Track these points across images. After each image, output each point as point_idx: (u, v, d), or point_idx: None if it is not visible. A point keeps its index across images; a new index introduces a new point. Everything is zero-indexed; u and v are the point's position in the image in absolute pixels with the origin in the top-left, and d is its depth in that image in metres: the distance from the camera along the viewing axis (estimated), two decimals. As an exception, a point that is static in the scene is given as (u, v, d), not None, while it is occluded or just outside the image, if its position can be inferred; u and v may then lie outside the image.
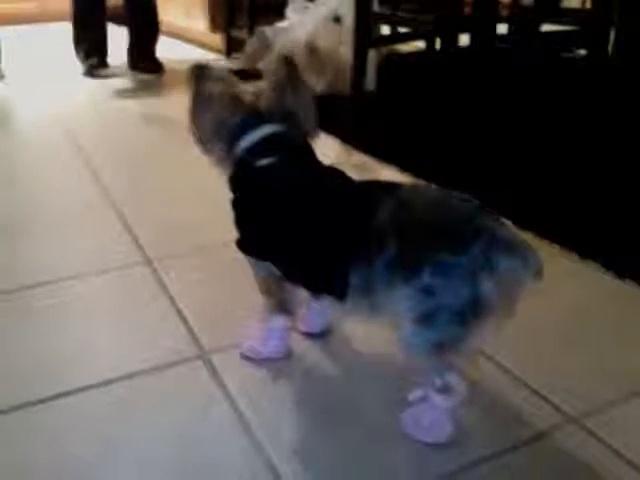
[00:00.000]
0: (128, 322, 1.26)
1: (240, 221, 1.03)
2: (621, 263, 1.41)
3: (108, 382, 1.09)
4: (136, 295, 1.35)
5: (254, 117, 1.01)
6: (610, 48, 2.38)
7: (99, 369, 1.12)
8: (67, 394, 1.06)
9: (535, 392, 1.06)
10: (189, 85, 1.01)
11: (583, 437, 0.97)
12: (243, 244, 1.03)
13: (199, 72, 1.01)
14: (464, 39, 2.85)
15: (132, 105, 2.76)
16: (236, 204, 1.03)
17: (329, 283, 0.94)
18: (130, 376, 1.10)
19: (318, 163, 1.02)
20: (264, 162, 0.99)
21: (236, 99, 1.01)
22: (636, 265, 1.40)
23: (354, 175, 1.01)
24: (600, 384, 1.08)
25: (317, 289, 1.00)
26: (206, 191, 1.80)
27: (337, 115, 2.30)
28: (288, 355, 1.14)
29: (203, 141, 1.04)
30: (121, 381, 1.09)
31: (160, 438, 0.98)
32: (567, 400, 1.04)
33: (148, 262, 1.47)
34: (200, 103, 1.02)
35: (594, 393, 1.05)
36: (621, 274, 1.39)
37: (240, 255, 1.06)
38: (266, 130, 1.01)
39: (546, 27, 3.06)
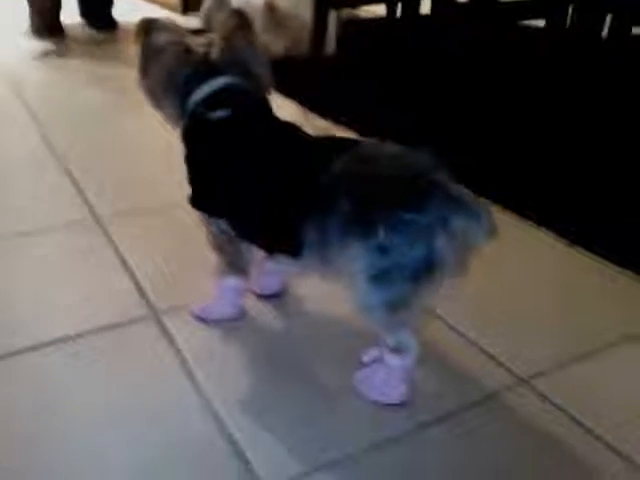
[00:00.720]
0: (77, 281, 1.22)
1: (193, 176, 1.00)
2: (574, 231, 1.44)
3: (57, 341, 1.05)
4: (84, 253, 1.30)
5: (207, 68, 0.97)
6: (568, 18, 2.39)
7: (48, 328, 1.08)
8: (14, 353, 1.02)
9: (486, 353, 1.07)
10: (137, 39, 0.97)
11: (533, 398, 0.99)
12: (196, 200, 1.00)
13: (147, 25, 0.97)
14: (425, 7, 2.83)
15: (83, 63, 2.65)
16: (189, 158, 1.00)
17: (282, 240, 0.92)
18: (79, 335, 1.07)
19: (274, 117, 0.99)
20: (218, 115, 0.95)
21: (187, 51, 0.97)
22: (587, 232, 1.43)
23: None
24: (549, 346, 1.10)
25: (271, 246, 0.98)
26: (157, 148, 1.76)
27: (295, 77, 2.26)
28: (241, 316, 1.12)
29: (153, 95, 1.00)
30: (70, 340, 1.06)
31: (110, 398, 0.95)
32: (517, 362, 1.05)
33: (96, 219, 1.42)
34: (149, 56, 0.98)
35: (543, 355, 1.07)
36: (574, 241, 1.41)
37: (193, 213, 1.03)
38: (220, 82, 0.97)
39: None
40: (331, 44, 2.64)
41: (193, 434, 0.90)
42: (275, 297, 1.18)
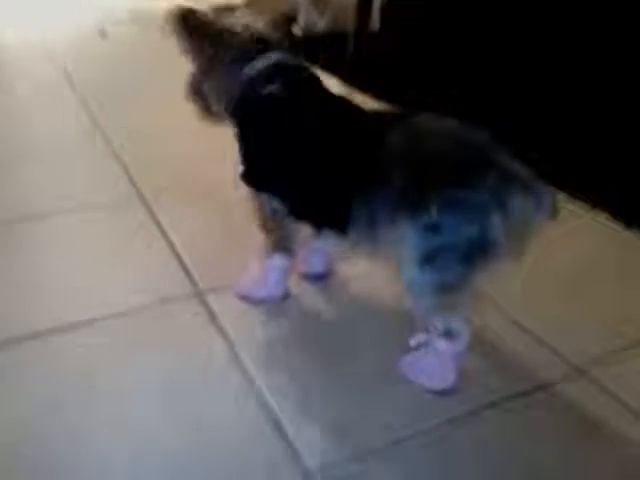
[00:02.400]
0: (121, 259, 1.21)
1: (244, 152, 0.98)
2: (629, 212, 1.38)
3: (101, 318, 1.05)
4: (128, 231, 1.30)
5: (256, 46, 0.95)
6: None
7: (92, 305, 1.08)
8: (58, 330, 1.02)
9: (540, 341, 1.03)
10: (175, 30, 0.96)
11: (589, 387, 0.95)
12: (247, 176, 0.98)
13: (186, 14, 0.96)
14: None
15: (134, 44, 2.65)
16: (240, 134, 0.98)
17: (331, 215, 0.89)
18: (123, 313, 1.07)
19: (326, 92, 0.96)
20: (271, 89, 0.93)
21: (231, 31, 0.95)
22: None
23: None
24: (607, 335, 1.05)
25: (320, 222, 0.95)
26: (204, 129, 1.74)
27: (338, 55, 2.21)
28: (286, 296, 1.11)
29: (202, 79, 0.98)
30: (114, 318, 1.06)
31: (155, 376, 0.95)
32: (573, 350, 1.01)
33: (141, 198, 1.41)
34: (197, 41, 0.96)
35: (601, 344, 1.03)
36: (629, 223, 1.35)
37: (237, 194, 1.01)
38: (271, 58, 0.95)
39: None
40: (375, 21, 2.59)
41: (236, 415, 0.89)
42: (320, 278, 1.16)
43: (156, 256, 1.22)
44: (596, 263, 1.24)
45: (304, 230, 1.01)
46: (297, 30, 2.46)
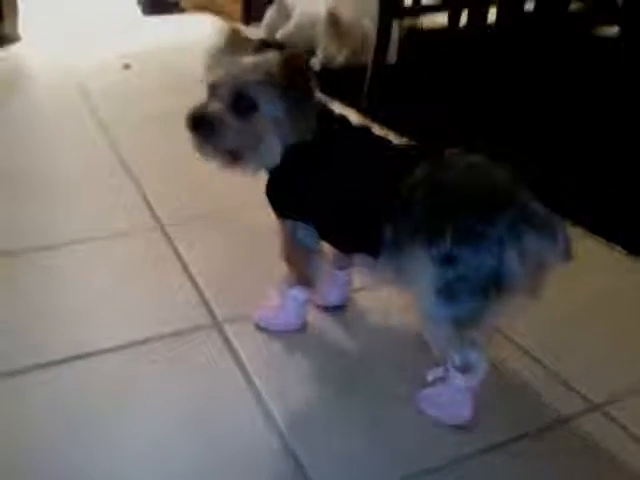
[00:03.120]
0: (139, 288, 1.23)
1: (278, 185, 0.99)
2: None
3: (118, 347, 1.07)
4: (149, 260, 1.32)
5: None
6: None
7: (110, 334, 1.10)
8: (79, 357, 1.04)
9: (557, 376, 1.03)
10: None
11: (605, 424, 0.94)
12: (281, 207, 1.00)
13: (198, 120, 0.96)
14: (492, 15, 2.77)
15: (152, 72, 2.71)
16: (279, 172, 0.98)
17: (364, 237, 0.92)
18: (140, 342, 1.08)
19: (352, 124, 0.99)
20: None
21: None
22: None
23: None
24: (624, 371, 1.05)
25: (353, 246, 0.97)
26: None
27: (356, 87, 2.24)
28: (304, 327, 1.12)
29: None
30: (130, 347, 1.07)
31: (171, 405, 0.96)
32: (589, 386, 1.01)
33: (161, 227, 1.44)
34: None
35: (616, 380, 1.03)
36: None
37: (256, 222, 1.02)
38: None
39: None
40: (393, 54, 2.62)
41: (252, 445, 0.89)
42: (337, 309, 1.17)
43: (174, 285, 1.24)
44: (611, 298, 1.24)
45: (325, 266, 1.03)
46: (316, 63, 2.50)
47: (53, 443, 0.89)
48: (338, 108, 1.01)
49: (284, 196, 0.99)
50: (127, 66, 2.59)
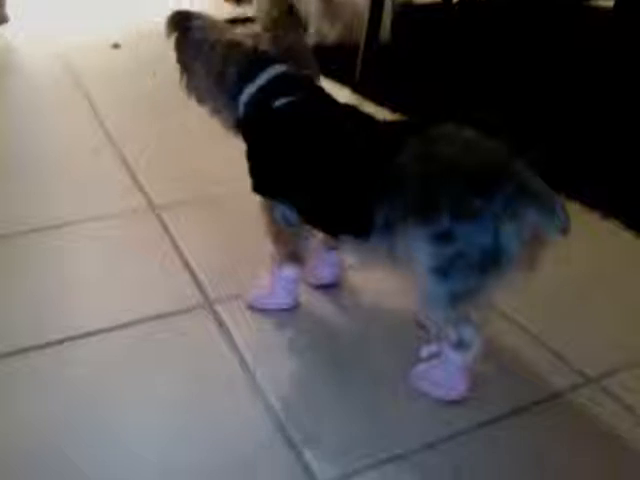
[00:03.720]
0: (131, 269, 1.22)
1: (259, 163, 0.98)
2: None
3: (109, 329, 1.06)
4: (140, 242, 1.31)
5: (261, 59, 0.95)
6: None
7: (101, 316, 1.08)
8: (72, 338, 1.03)
9: (552, 351, 1.02)
10: (170, 33, 0.95)
11: (601, 397, 0.94)
12: (259, 185, 0.98)
13: (179, 19, 0.95)
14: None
15: (143, 53, 2.67)
16: (253, 146, 0.98)
17: (351, 221, 0.89)
18: (131, 323, 1.07)
19: (336, 101, 0.97)
20: (282, 101, 0.93)
21: (235, 43, 0.95)
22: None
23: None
24: (619, 345, 1.04)
25: (338, 228, 0.95)
26: (213, 140, 1.75)
27: (349, 65, 2.22)
28: (296, 307, 1.10)
29: (199, 92, 0.98)
30: (123, 328, 1.06)
31: (163, 386, 0.95)
32: (585, 360, 1.00)
33: (154, 209, 1.42)
34: (191, 52, 0.96)
35: (613, 354, 1.02)
36: (640, 232, 1.35)
37: (249, 203, 1.01)
38: (277, 70, 0.95)
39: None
40: (386, 32, 2.59)
41: (245, 426, 0.88)
42: (330, 288, 1.16)
43: (166, 266, 1.22)
44: (607, 273, 1.23)
45: (315, 241, 1.01)
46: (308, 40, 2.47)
47: (39, 430, 0.88)
48: (330, 86, 0.99)
49: (256, 170, 0.98)
50: (116, 45, 2.55)
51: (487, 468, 0.83)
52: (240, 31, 0.97)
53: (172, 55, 1.00)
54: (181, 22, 0.95)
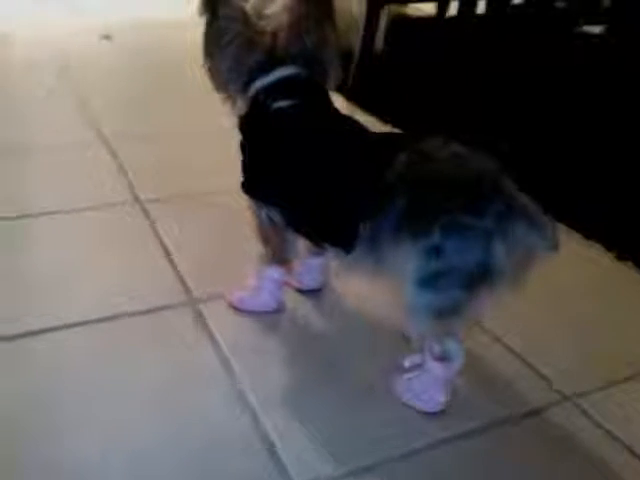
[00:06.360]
0: (114, 262, 1.21)
1: (249, 162, 0.98)
2: (622, 245, 1.39)
3: (94, 321, 1.05)
4: (125, 235, 1.30)
5: (271, 58, 0.95)
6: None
7: (81, 308, 1.07)
8: (52, 329, 1.02)
9: (531, 368, 1.03)
10: (202, 14, 0.94)
11: (576, 416, 0.95)
12: (249, 186, 0.98)
13: (214, 5, 0.95)
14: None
15: (135, 48, 2.65)
16: (246, 144, 0.98)
17: (336, 232, 0.90)
18: (115, 317, 1.06)
19: (336, 110, 0.97)
20: (281, 104, 0.93)
21: (253, 39, 0.95)
22: (636, 247, 1.38)
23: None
24: (596, 365, 1.05)
25: (322, 238, 0.95)
26: (204, 135, 1.74)
27: (343, 73, 2.22)
28: (279, 309, 1.10)
29: (217, 77, 0.98)
30: (107, 321, 1.05)
31: (143, 381, 0.94)
32: (562, 378, 1.01)
33: (139, 202, 1.41)
34: (215, 38, 0.95)
35: (589, 373, 1.03)
36: (622, 256, 1.37)
37: (237, 201, 1.01)
38: (283, 72, 0.95)
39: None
40: (380, 41, 2.60)
41: (223, 425, 0.88)
42: (315, 292, 1.16)
43: (150, 261, 1.21)
44: (589, 294, 1.25)
45: (301, 243, 1.01)
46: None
47: (13, 423, 0.86)
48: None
49: (245, 168, 0.98)
50: (107, 37, 2.53)
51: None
52: (263, 24, 0.96)
53: (162, 47, 0.99)
54: (213, 5, 0.94)
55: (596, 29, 2.79)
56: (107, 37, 2.52)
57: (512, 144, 1.85)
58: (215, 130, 1.05)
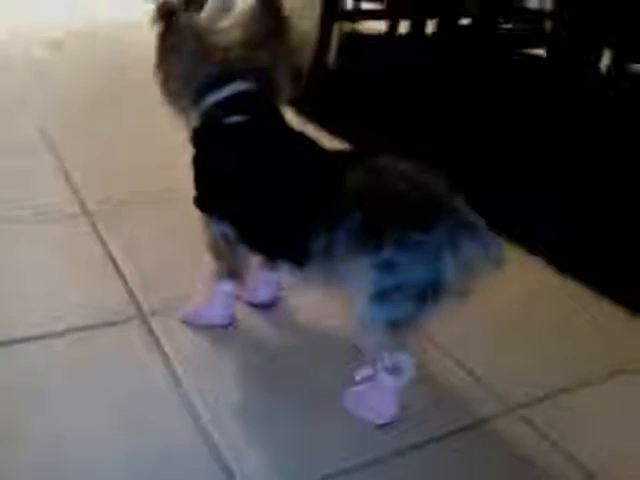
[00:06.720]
0: (63, 276, 1.18)
1: (200, 177, 0.97)
2: (563, 260, 1.45)
3: (42, 336, 1.02)
4: (71, 247, 1.27)
5: (223, 74, 0.95)
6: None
7: (33, 322, 1.04)
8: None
9: (476, 378, 1.06)
10: (156, 24, 0.94)
11: (520, 426, 0.98)
12: (201, 201, 0.98)
13: (168, 12, 0.94)
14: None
15: (85, 51, 2.60)
16: (198, 159, 0.97)
17: (288, 249, 0.90)
18: (64, 333, 1.03)
19: (287, 126, 0.98)
20: (233, 120, 0.94)
21: (205, 53, 0.95)
22: (583, 265, 1.43)
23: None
24: (539, 376, 1.09)
25: (275, 254, 0.96)
26: (151, 140, 1.71)
27: (294, 88, 2.24)
28: (231, 323, 1.10)
29: (167, 89, 0.97)
30: (55, 337, 1.02)
31: (93, 397, 0.92)
32: (507, 389, 1.04)
33: (86, 211, 1.38)
34: (168, 49, 0.95)
35: (533, 384, 1.06)
36: (562, 270, 1.42)
37: (188, 209, 1.00)
38: (236, 88, 0.95)
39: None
40: (332, 57, 2.64)
41: (177, 444, 0.87)
42: (267, 306, 1.16)
43: (98, 273, 1.19)
44: (532, 307, 1.29)
45: (253, 259, 1.01)
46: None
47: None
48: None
49: (197, 183, 0.98)
50: (58, 44, 2.49)
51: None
52: (220, 39, 0.96)
53: (111, 56, 0.98)
54: (166, 16, 0.93)
55: (539, 51, 2.90)
56: (58, 44, 2.48)
57: (457, 158, 1.91)
58: (160, 137, 1.04)
